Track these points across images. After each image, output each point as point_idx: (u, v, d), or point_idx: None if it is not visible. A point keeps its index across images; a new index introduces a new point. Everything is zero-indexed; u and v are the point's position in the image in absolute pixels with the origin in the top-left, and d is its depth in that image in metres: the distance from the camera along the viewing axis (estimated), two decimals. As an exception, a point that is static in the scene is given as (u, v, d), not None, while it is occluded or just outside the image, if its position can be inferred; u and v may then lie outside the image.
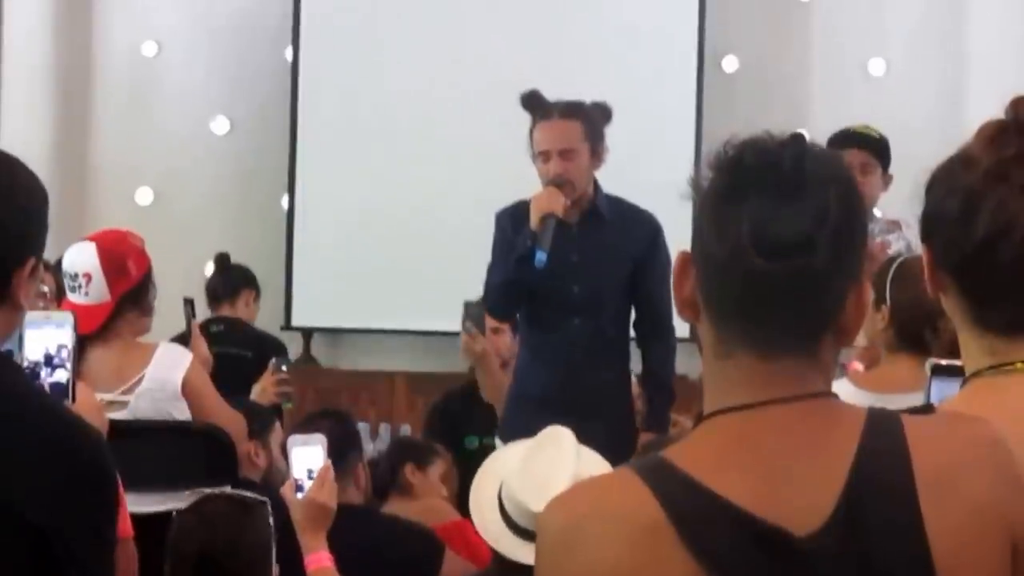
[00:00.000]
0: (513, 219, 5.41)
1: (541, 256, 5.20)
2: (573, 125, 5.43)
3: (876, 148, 5.73)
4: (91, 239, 4.79)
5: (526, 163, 5.46)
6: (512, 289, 5.38)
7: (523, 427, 5.11)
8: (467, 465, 5.90)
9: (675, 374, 5.70)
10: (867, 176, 5.60)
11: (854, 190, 1.73)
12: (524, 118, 5.53)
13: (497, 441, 5.49)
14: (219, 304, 7.27)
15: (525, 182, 5.45)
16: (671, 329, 5.57)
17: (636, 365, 5.77)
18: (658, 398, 5.58)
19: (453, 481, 5.80)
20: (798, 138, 1.72)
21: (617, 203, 5.55)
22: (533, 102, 5.49)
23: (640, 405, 5.70)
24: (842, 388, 3.60)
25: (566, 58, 8.35)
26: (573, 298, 5.42)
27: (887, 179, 5.76)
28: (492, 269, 5.47)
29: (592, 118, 5.46)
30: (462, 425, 6.36)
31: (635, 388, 5.69)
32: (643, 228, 5.51)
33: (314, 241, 8.62)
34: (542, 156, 5.41)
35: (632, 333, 5.64)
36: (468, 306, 5.66)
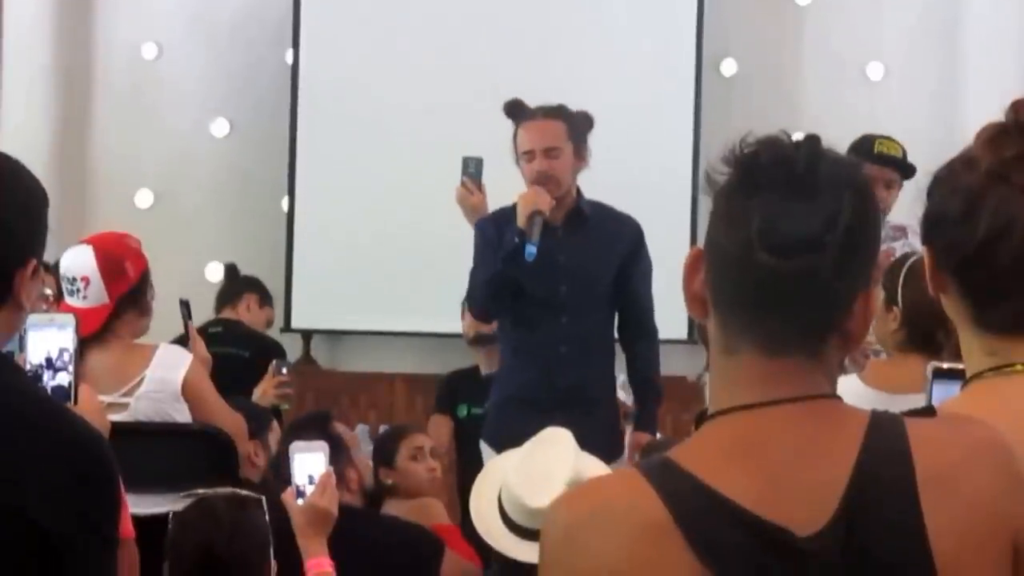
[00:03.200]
0: (496, 225, 5.43)
1: (531, 249, 5.24)
2: (556, 124, 5.47)
3: (901, 165, 5.87)
4: (88, 242, 4.78)
5: (526, 165, 5.47)
6: (500, 286, 5.38)
7: (509, 426, 5.13)
8: (459, 429, 6.75)
9: (660, 373, 5.72)
10: (891, 190, 5.76)
11: (869, 197, 1.73)
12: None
13: (482, 444, 5.51)
14: (221, 308, 7.38)
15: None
16: (655, 330, 5.65)
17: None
18: (648, 398, 5.61)
19: (446, 439, 6.66)
20: (813, 139, 1.72)
21: (599, 206, 5.60)
22: (515, 109, 5.53)
23: (629, 405, 5.75)
24: (851, 384, 3.60)
25: (565, 62, 8.36)
26: (561, 297, 5.44)
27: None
28: (476, 271, 5.50)
29: (574, 120, 5.50)
30: (458, 395, 6.86)
31: (620, 390, 5.72)
32: (626, 229, 5.56)
33: (314, 243, 8.62)
34: (527, 156, 5.44)
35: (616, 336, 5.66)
36: (467, 161, 5.67)
